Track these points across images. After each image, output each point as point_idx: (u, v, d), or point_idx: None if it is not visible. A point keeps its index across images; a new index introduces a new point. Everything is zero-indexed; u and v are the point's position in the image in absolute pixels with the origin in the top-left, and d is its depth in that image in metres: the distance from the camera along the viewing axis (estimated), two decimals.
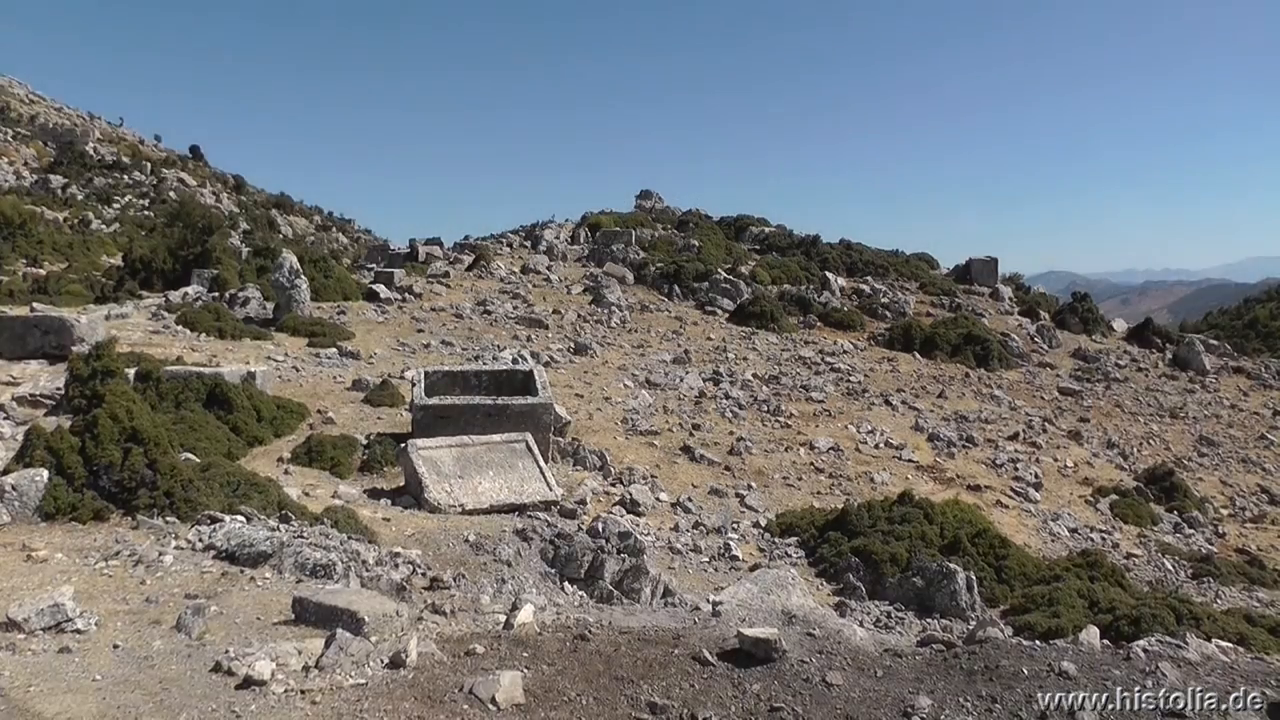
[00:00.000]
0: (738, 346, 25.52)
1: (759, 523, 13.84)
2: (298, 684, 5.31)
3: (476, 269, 32.44)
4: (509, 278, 31.63)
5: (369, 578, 7.88)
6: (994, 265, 38.62)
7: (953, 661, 5.92)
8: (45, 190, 54.32)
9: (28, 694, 5.18)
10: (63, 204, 50.94)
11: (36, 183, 56.37)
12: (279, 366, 18.07)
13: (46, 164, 62.22)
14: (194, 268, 27.65)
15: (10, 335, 16.70)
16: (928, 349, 27.57)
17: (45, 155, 64.65)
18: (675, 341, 25.40)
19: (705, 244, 37.14)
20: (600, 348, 23.25)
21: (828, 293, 33.14)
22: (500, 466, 12.43)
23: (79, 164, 62.58)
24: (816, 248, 39.37)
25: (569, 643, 6.11)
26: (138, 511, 8.88)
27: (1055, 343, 31.65)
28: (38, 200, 49.04)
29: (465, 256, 34.75)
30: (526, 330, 24.68)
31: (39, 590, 6.72)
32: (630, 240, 36.93)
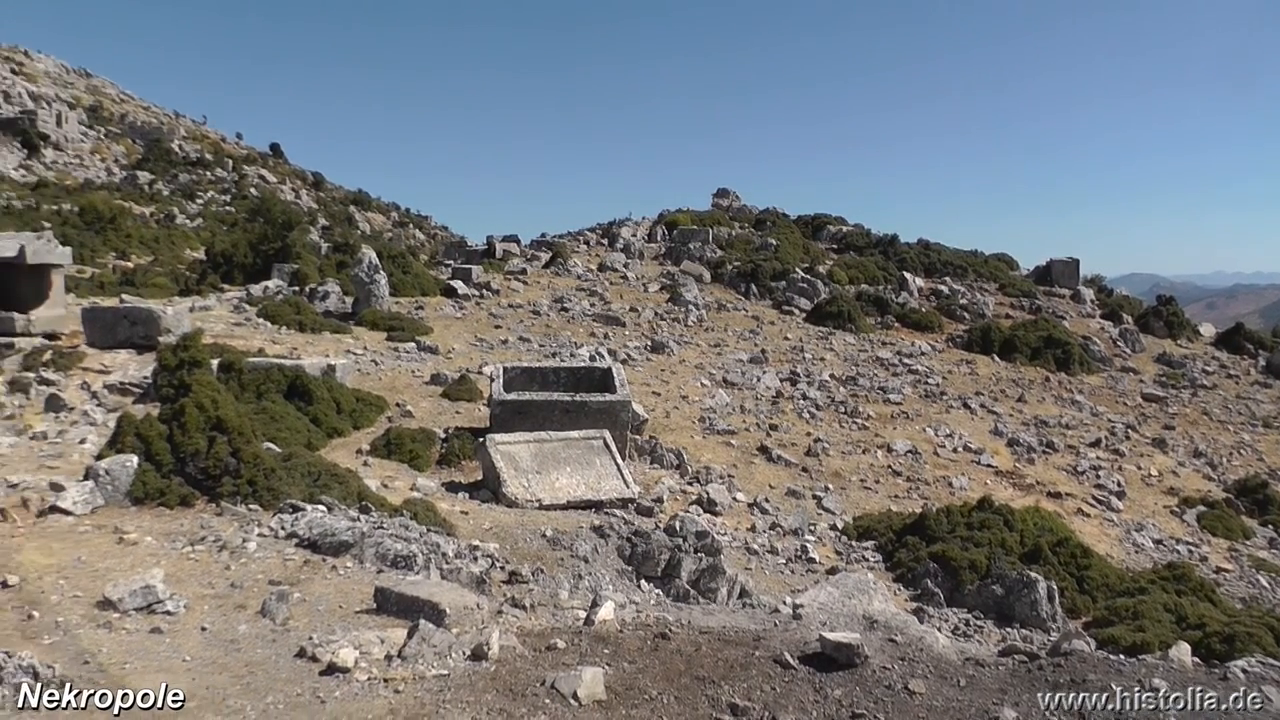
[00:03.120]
0: (815, 346, 25.33)
1: (836, 525, 13.76)
2: (380, 672, 5.37)
3: (553, 266, 32.63)
4: (586, 275, 31.74)
5: (449, 570, 7.95)
6: (1075, 266, 37.71)
7: (1037, 674, 5.77)
8: (133, 186, 55.86)
9: (123, 671, 5.34)
10: (149, 199, 52.31)
11: (125, 179, 58.01)
12: (358, 360, 18.37)
13: (135, 161, 64.00)
14: (274, 262, 28.23)
15: (101, 325, 17.24)
16: (1007, 352, 27.04)
17: (134, 152, 66.50)
18: (752, 341, 25.30)
19: (782, 243, 36.89)
20: (677, 346, 23.24)
21: (905, 293, 32.72)
22: (578, 463, 12.48)
23: (165, 161, 64.16)
24: (894, 247, 38.85)
25: (650, 641, 6.09)
26: (222, 499, 9.12)
27: (1139, 347, 30.77)
28: (126, 195, 50.48)
29: (542, 253, 34.96)
30: (604, 328, 24.75)
31: (131, 572, 6.93)
32: (707, 238, 36.85)
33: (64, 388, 14.31)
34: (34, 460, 10.89)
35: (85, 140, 65.69)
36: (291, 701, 5.04)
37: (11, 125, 59.55)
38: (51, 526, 8.26)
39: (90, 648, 5.64)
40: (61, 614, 6.18)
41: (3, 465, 10.53)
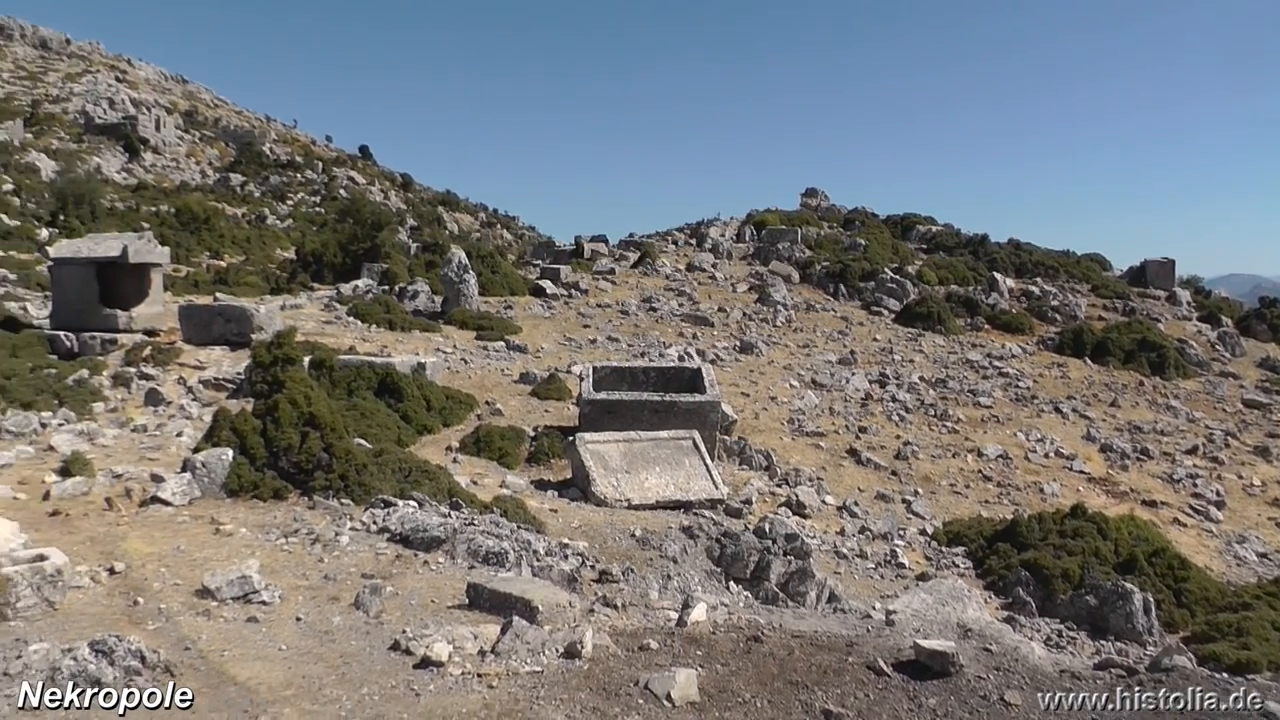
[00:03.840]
0: (904, 348, 25.00)
1: (925, 530, 13.59)
2: (474, 667, 5.40)
3: (642, 266, 32.71)
4: (674, 275, 31.76)
5: (539, 568, 7.98)
6: (1171, 267, 36.46)
7: (1137, 690, 5.57)
8: (226, 187, 57.50)
9: (222, 658, 5.46)
10: (241, 200, 53.80)
11: (219, 181, 59.75)
12: (448, 358, 18.61)
13: (227, 163, 65.88)
14: (364, 262, 28.78)
15: (197, 322, 17.76)
16: (1099, 355, 26.26)
17: (227, 155, 68.50)
18: (841, 342, 25.08)
19: (871, 243, 36.45)
20: (766, 347, 23.13)
21: (995, 294, 32.06)
22: (667, 463, 12.48)
23: (256, 163, 65.89)
24: (984, 247, 38.10)
25: (742, 644, 6.03)
26: (314, 492, 9.31)
27: (1239, 351, 29.55)
28: (219, 197, 52.00)
29: (630, 253, 35.07)
30: (692, 328, 24.74)
31: (227, 562, 7.10)
32: (795, 238, 36.59)
33: (162, 382, 14.77)
34: (135, 452, 11.25)
35: (181, 144, 67.87)
36: (386, 694, 5.08)
37: (115, 130, 61.81)
38: (152, 516, 8.54)
39: (190, 634, 5.78)
40: (163, 601, 6.36)
41: (108, 456, 10.92)
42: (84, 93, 68.85)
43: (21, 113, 60.11)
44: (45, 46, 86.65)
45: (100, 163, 55.31)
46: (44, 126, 59.48)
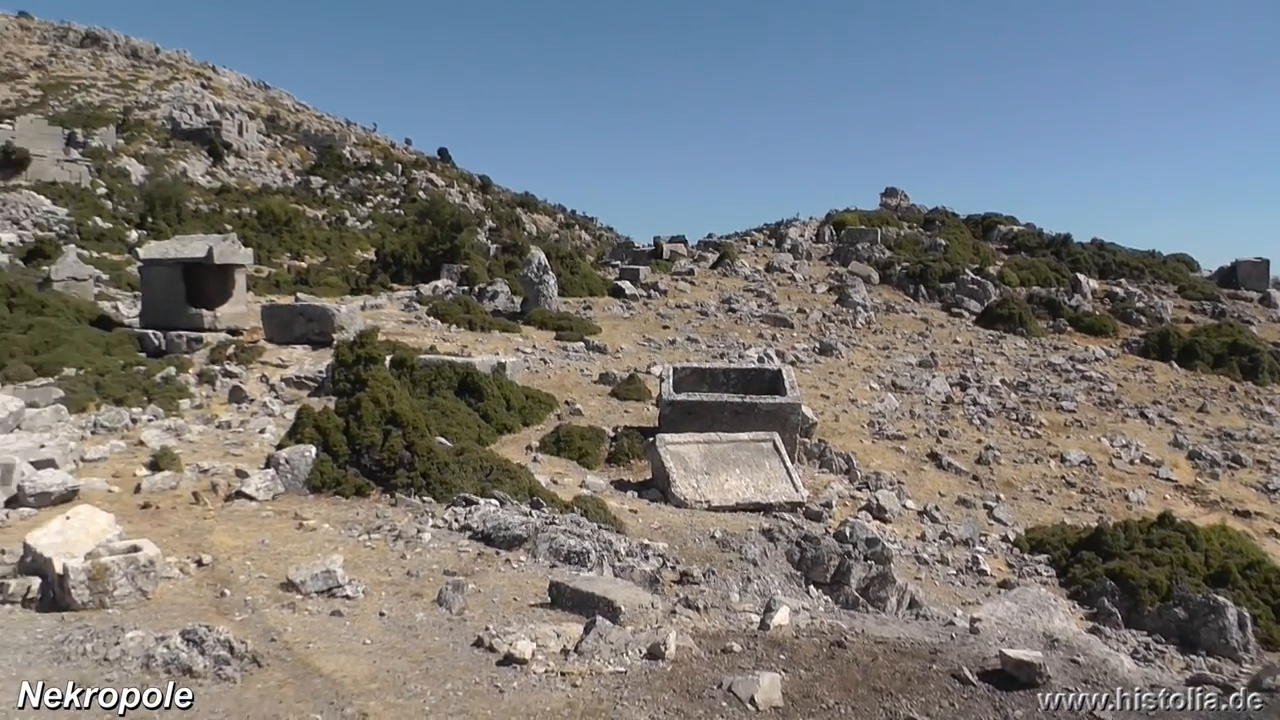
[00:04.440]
0: (985, 350, 24.60)
1: (1007, 537, 13.38)
2: (558, 666, 5.39)
3: (721, 267, 32.66)
4: (753, 276, 31.66)
5: (621, 568, 7.97)
6: (1265, 267, 35.07)
7: (1237, 711, 5.33)
8: (307, 190, 58.91)
9: (307, 650, 5.53)
10: (321, 203, 55.03)
11: (299, 184, 61.24)
12: (527, 358, 18.77)
13: (308, 166, 67.48)
14: (443, 263, 29.18)
15: (279, 322, 18.16)
16: (1187, 358, 25.44)
17: (307, 159, 70.16)
18: (921, 344, 24.79)
19: (951, 243, 35.93)
20: (845, 348, 22.96)
21: (1079, 295, 31.33)
22: (747, 465, 12.44)
23: (336, 166, 67.42)
24: (1067, 247, 37.26)
25: (825, 649, 5.94)
26: (396, 490, 9.43)
27: None
28: (300, 200, 53.24)
29: (709, 254, 35.04)
30: (771, 329, 24.64)
31: (311, 556, 7.21)
32: (875, 239, 36.26)
33: (245, 380, 15.12)
34: (220, 448, 11.52)
35: (263, 148, 69.57)
36: (470, 689, 5.10)
37: (200, 135, 63.65)
38: (237, 510, 8.72)
39: (276, 626, 5.87)
40: (249, 593, 6.47)
41: (194, 452, 11.20)
42: (171, 99, 71.00)
43: (114, 119, 62.20)
44: (136, 55, 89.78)
45: (186, 167, 56.98)
46: (134, 132, 61.49)
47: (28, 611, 5.94)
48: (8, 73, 75.94)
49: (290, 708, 4.79)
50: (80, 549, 6.29)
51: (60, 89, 71.02)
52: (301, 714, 4.73)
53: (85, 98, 68.96)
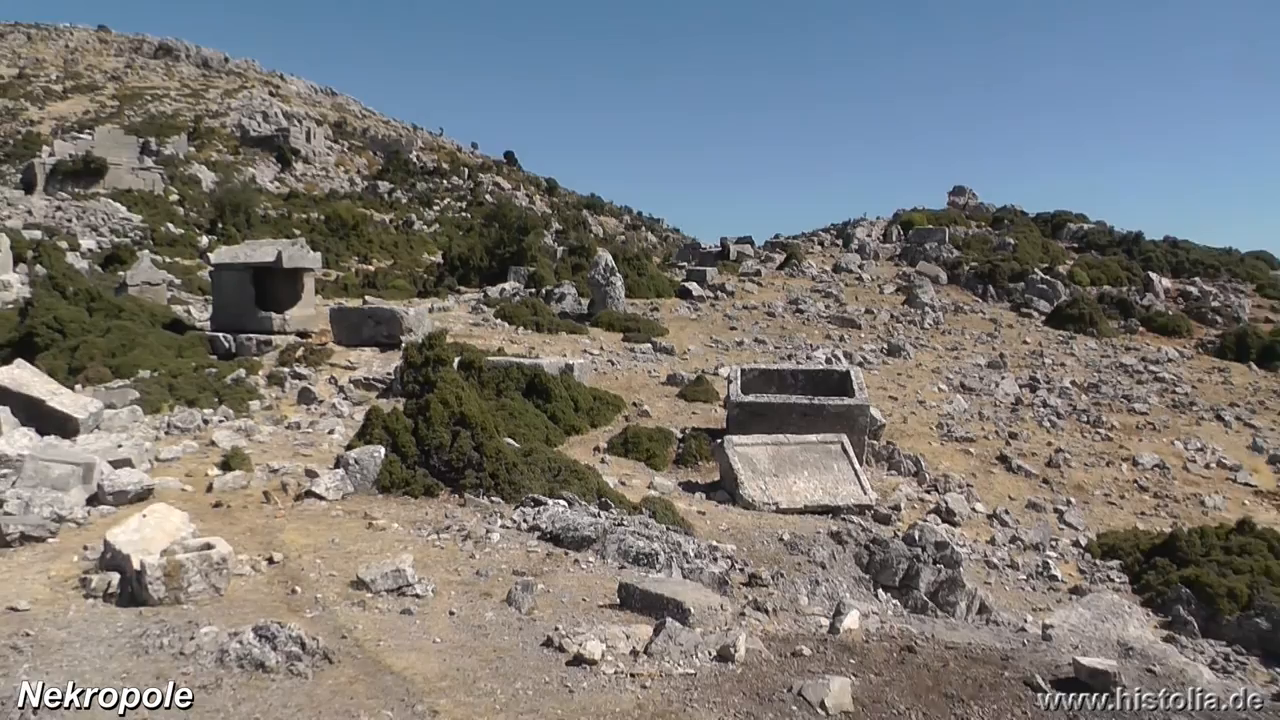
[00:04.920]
0: (1054, 351, 24.17)
1: (1078, 541, 13.15)
2: (627, 667, 5.40)
3: (788, 267, 32.54)
4: (820, 276, 31.51)
5: (689, 570, 7.95)
6: None
7: None
8: (374, 195, 59.73)
9: (378, 648, 5.60)
10: (389, 207, 55.81)
11: (367, 188, 62.10)
12: (595, 359, 18.87)
13: (375, 171, 68.47)
14: (510, 265, 29.41)
15: (347, 324, 18.42)
16: (1267, 359, 24.64)
17: (374, 164, 71.17)
18: (990, 344, 24.46)
19: (1020, 242, 35.36)
20: (914, 349, 22.76)
21: (1151, 295, 30.62)
22: (815, 467, 12.41)
23: (403, 170, 68.30)
24: (1139, 246, 36.43)
25: (895, 653, 5.90)
26: (465, 490, 9.53)
27: None
28: (368, 204, 54.01)
29: (776, 255, 34.93)
30: (839, 330, 24.50)
31: (380, 555, 7.30)
32: (943, 238, 35.84)
33: (314, 382, 15.35)
34: (289, 448, 11.71)
35: (330, 154, 70.70)
36: (540, 689, 5.13)
37: (268, 142, 64.92)
38: (307, 509, 8.87)
39: (347, 624, 5.95)
40: (320, 591, 6.57)
41: (264, 452, 11.40)
42: (240, 107, 72.53)
43: (185, 128, 63.75)
44: (207, 65, 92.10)
45: (255, 173, 58.14)
46: (205, 140, 62.92)
47: (108, 606, 6.11)
48: (87, 84, 78.35)
49: (361, 704, 4.84)
50: (156, 546, 6.43)
51: (135, 99, 73.00)
52: (373, 710, 4.78)
53: (158, 107, 70.79)
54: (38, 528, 7.64)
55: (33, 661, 5.21)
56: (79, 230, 36.96)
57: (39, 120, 66.85)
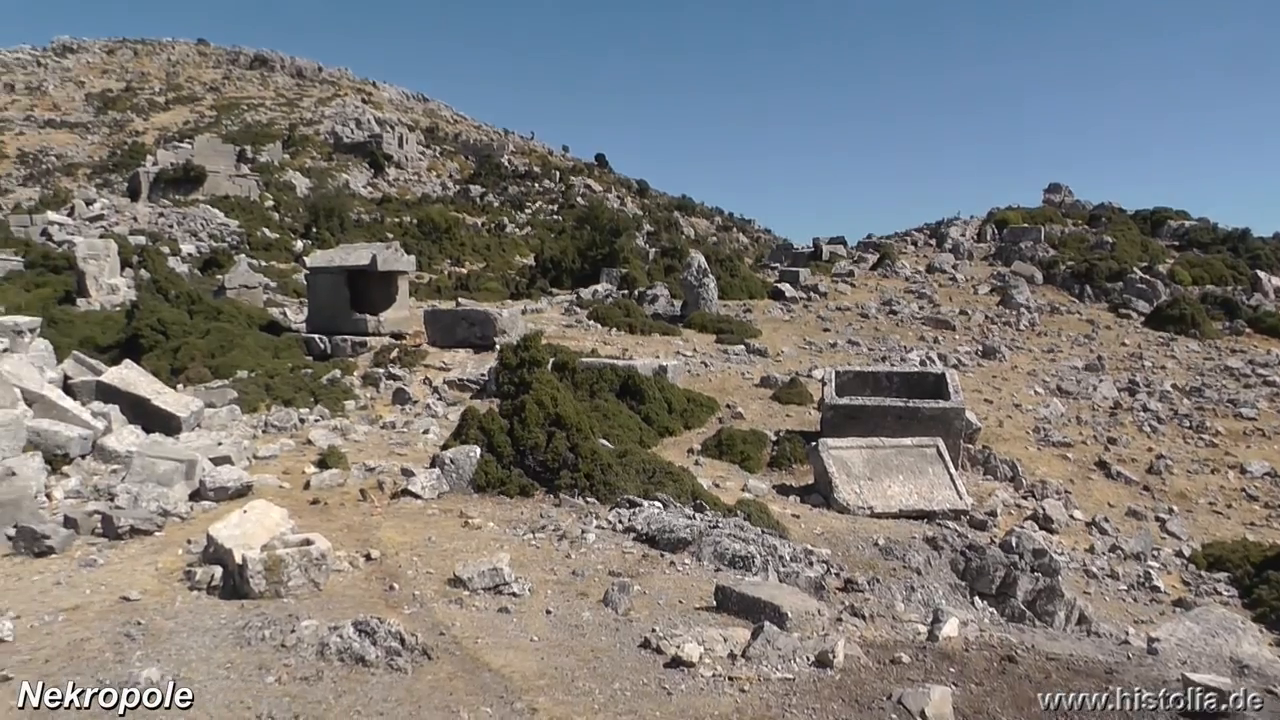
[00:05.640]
0: (1155, 353, 23.43)
1: (1182, 552, 12.73)
2: (725, 670, 5.37)
3: (881, 268, 32.21)
4: (914, 277, 31.14)
5: (785, 573, 7.88)
6: None
7: None
8: (466, 199, 60.61)
9: (476, 645, 5.65)
10: (481, 210, 56.56)
11: (459, 192, 63.04)
12: (688, 361, 18.86)
13: (467, 175, 69.45)
14: (602, 267, 29.59)
15: (441, 326, 18.71)
16: None
17: (466, 168, 72.22)
18: (1087, 346, 23.85)
19: (1119, 240, 34.37)
20: (1009, 351, 22.31)
21: (1259, 294, 29.49)
22: (910, 471, 12.26)
23: (495, 174, 69.17)
24: (1245, 243, 35.06)
25: (995, 663, 5.77)
26: (559, 490, 9.58)
27: None
28: (460, 208, 54.82)
29: (869, 255, 34.60)
30: (933, 331, 24.16)
31: (477, 554, 7.37)
32: (1038, 237, 35.07)
33: (409, 383, 15.62)
34: (385, 447, 11.92)
35: (423, 159, 71.95)
36: (638, 690, 5.12)
37: (361, 148, 66.33)
38: (404, 508, 9.01)
39: (444, 621, 6.01)
40: (417, 588, 6.65)
41: (360, 451, 11.63)
42: (334, 115, 74.29)
43: (280, 136, 65.55)
44: (301, 75, 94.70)
45: (348, 179, 59.42)
46: (299, 147, 64.59)
47: (212, 598, 6.28)
48: (187, 95, 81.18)
49: (460, 700, 4.88)
50: (257, 541, 6.58)
51: (232, 109, 75.34)
52: (472, 706, 4.82)
53: (254, 116, 72.96)
54: (145, 521, 7.92)
55: (144, 649, 5.40)
56: (180, 235, 38.28)
57: (143, 131, 69.55)
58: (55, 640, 5.53)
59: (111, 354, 16.16)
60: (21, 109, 75.98)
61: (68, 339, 17.06)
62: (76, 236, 32.09)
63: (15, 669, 5.10)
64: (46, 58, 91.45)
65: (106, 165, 61.30)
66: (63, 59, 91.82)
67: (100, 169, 60.57)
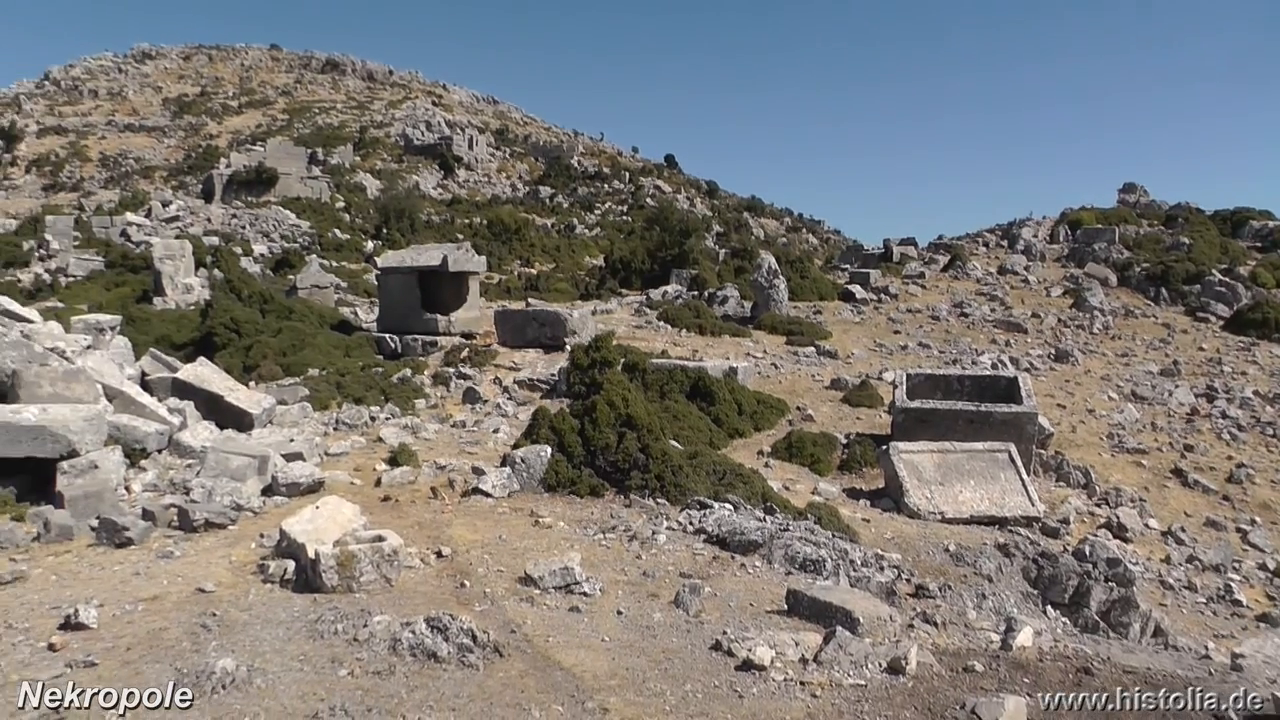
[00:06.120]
0: (1234, 359, 22.73)
1: (1265, 565, 12.32)
2: (796, 674, 5.33)
3: (952, 269, 31.85)
4: (985, 278, 30.73)
5: (856, 578, 7.83)
6: None
7: None
8: (535, 200, 61.10)
9: (547, 644, 5.66)
10: (550, 211, 56.94)
11: (528, 194, 63.56)
12: (758, 363, 18.80)
13: (537, 177, 69.99)
14: (672, 268, 29.64)
15: (512, 326, 18.87)
16: None
17: (536, 169, 72.82)
18: (1163, 351, 23.26)
19: (1196, 241, 33.48)
20: (1082, 355, 21.88)
21: None
22: (981, 476, 12.11)
23: (564, 176, 69.62)
24: None
25: (1071, 674, 5.66)
26: (630, 491, 9.60)
27: None
28: (529, 209, 55.25)
29: (940, 256, 34.21)
30: (1004, 334, 23.82)
31: (547, 553, 7.41)
32: (1113, 238, 34.30)
33: (479, 382, 15.78)
34: (455, 446, 12.04)
35: (493, 160, 72.66)
36: (709, 692, 5.10)
37: (431, 150, 67.19)
38: (474, 506, 9.08)
39: (516, 619, 6.03)
40: (488, 585, 6.70)
41: (430, 449, 11.75)
42: (404, 117, 75.42)
43: (351, 138, 66.67)
44: (372, 78, 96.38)
45: (418, 180, 60.23)
46: (370, 150, 65.63)
47: (285, 591, 6.38)
48: (260, 99, 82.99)
49: (532, 697, 4.89)
50: (329, 536, 6.67)
51: (304, 112, 76.83)
52: (544, 705, 4.83)
53: (325, 119, 74.33)
54: (219, 515, 8.08)
55: (220, 640, 5.50)
56: (252, 236, 39.10)
57: (217, 134, 71.27)
58: (135, 629, 5.66)
59: (186, 351, 16.57)
60: (104, 114, 78.47)
61: (145, 337, 17.53)
62: (153, 237, 32.97)
63: (100, 655, 5.24)
64: (127, 64, 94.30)
65: (182, 168, 62.98)
66: (142, 65, 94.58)
67: (176, 171, 62.23)
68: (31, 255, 33.34)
